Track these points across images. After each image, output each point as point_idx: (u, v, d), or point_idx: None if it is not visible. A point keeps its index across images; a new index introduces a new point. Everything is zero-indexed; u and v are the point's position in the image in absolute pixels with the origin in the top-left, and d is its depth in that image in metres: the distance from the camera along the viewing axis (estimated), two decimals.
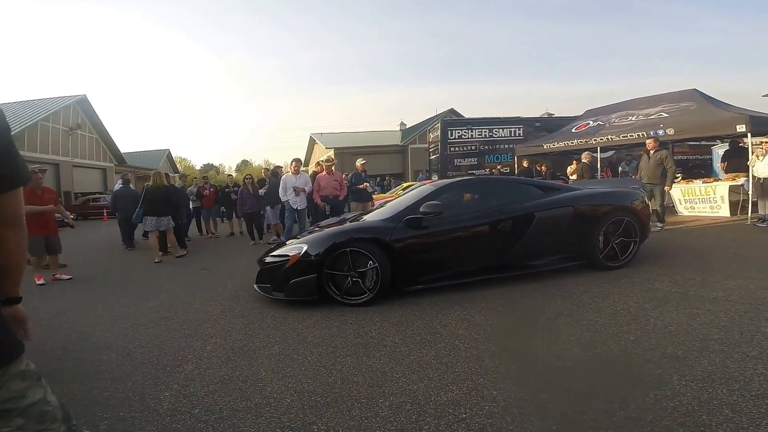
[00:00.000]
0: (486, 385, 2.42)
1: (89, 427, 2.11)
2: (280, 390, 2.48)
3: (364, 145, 35.21)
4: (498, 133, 16.10)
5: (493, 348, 2.95)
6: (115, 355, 3.15)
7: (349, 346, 3.13)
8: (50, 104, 27.60)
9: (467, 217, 4.66)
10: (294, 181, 7.71)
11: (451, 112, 36.05)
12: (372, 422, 2.12)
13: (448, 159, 15.68)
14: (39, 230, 6.00)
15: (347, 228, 4.49)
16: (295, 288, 4.13)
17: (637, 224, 5.00)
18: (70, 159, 28.58)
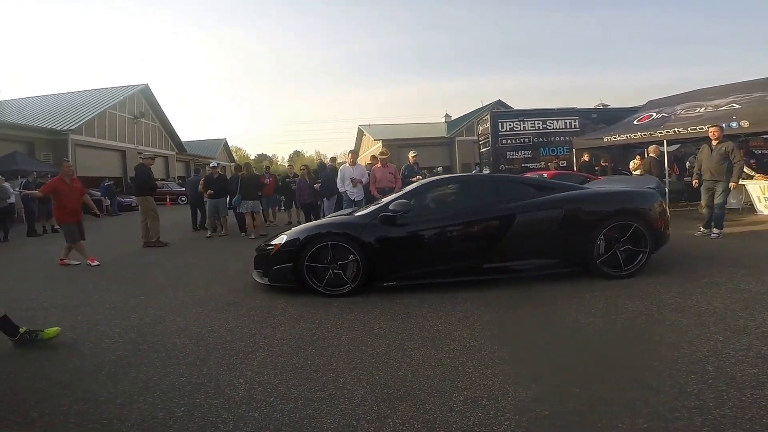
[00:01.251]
0: (568, 383, 2.31)
1: (167, 413, 2.16)
2: (352, 381, 2.45)
3: (410, 137, 35.15)
4: (552, 125, 15.29)
5: (572, 346, 2.83)
6: (189, 340, 3.23)
7: (416, 338, 3.07)
8: (116, 93, 29.19)
9: (442, 216, 4.56)
10: (351, 172, 7.74)
11: (499, 103, 35.16)
12: (447, 416, 2.06)
13: (500, 152, 15.17)
14: (72, 217, 6.44)
15: (322, 222, 4.80)
16: (276, 274, 4.43)
17: (646, 230, 4.43)
18: (135, 146, 30.17)
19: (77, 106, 26.60)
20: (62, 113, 25.33)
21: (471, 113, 37.54)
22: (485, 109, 30.31)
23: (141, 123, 31.20)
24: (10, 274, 6.01)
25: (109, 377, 2.59)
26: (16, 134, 20.86)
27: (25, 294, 4.77)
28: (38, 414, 2.18)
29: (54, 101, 28.01)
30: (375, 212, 4.52)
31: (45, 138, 22.50)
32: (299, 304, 3.93)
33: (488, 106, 32.96)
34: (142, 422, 2.08)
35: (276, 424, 2.03)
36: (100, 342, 3.21)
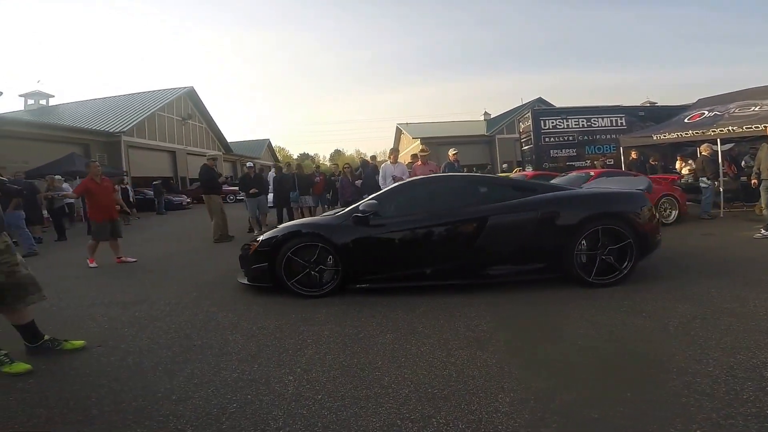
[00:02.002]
0: (619, 386, 2.27)
1: (220, 409, 2.24)
2: (397, 380, 2.48)
3: (449, 135, 34.90)
4: (597, 122, 14.99)
5: (620, 349, 2.75)
6: (240, 336, 3.34)
7: (460, 339, 3.06)
8: (164, 95, 30.45)
9: (416, 218, 4.39)
10: (393, 170, 7.76)
11: (540, 101, 34.37)
12: (493, 417, 2.05)
13: (542, 150, 14.90)
14: (105, 215, 6.66)
15: (298, 223, 4.77)
16: (255, 273, 4.51)
17: (632, 235, 4.15)
18: (184, 147, 31.44)
19: (128, 108, 27.96)
20: (114, 116, 26.67)
21: (511, 111, 36.89)
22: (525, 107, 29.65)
23: (189, 124, 32.40)
24: (69, 272, 6.31)
25: (166, 373, 2.71)
26: (73, 136, 22.19)
27: (84, 291, 5.05)
28: (99, 411, 2.28)
29: (106, 104, 29.54)
30: (349, 213, 4.48)
31: (99, 140, 23.78)
32: (344, 303, 3.99)
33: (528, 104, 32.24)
34: (197, 418, 2.16)
35: (324, 422, 2.08)
36: (157, 338, 3.36)
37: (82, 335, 3.34)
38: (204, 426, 2.09)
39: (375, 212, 4.28)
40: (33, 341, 3.04)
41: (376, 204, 4.35)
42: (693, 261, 5.07)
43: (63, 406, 2.34)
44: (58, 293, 4.74)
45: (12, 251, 2.86)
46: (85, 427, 2.12)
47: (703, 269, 4.60)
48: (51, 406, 2.33)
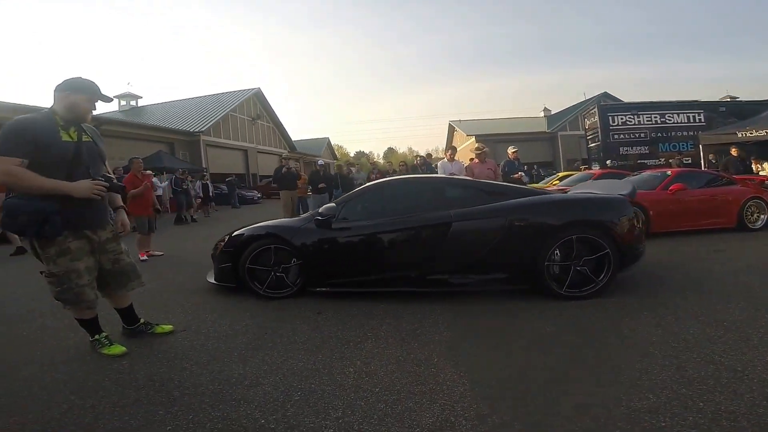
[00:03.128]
0: (690, 396, 2.17)
1: (286, 396, 2.40)
2: (452, 377, 2.51)
3: (506, 132, 33.70)
4: (672, 119, 14.05)
5: (697, 358, 2.60)
6: (307, 326, 3.53)
7: (522, 339, 3.04)
8: (235, 96, 32.32)
9: (379, 222, 4.23)
10: (450, 168, 7.72)
11: (605, 96, 32.50)
12: (552, 420, 2.04)
13: (611, 147, 14.15)
14: (145, 210, 7.04)
15: (261, 224, 4.66)
16: (221, 273, 4.58)
17: (610, 245, 3.82)
18: (255, 146, 33.19)
19: (205, 109, 30.02)
20: (193, 116, 28.71)
21: (574, 106, 35.24)
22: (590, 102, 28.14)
23: (258, 124, 34.10)
24: (159, 261, 6.89)
25: (240, 359, 2.91)
26: (160, 135, 24.24)
27: (172, 278, 5.54)
28: (180, 393, 2.45)
29: (186, 105, 31.89)
30: (312, 215, 4.47)
31: (182, 139, 25.72)
32: (402, 299, 4.06)
33: (593, 99, 30.59)
34: (265, 404, 2.31)
35: (380, 415, 2.17)
36: (234, 325, 3.62)
37: (170, 319, 3.68)
38: (271, 412, 2.23)
39: (333, 216, 4.25)
40: (130, 324, 3.35)
41: (334, 207, 4.33)
42: None
43: (150, 387, 2.56)
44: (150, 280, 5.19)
45: (117, 240, 3.11)
46: (167, 408, 2.31)
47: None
48: (139, 387, 2.56)
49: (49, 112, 2.78)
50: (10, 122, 2.65)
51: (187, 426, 2.14)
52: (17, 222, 2.64)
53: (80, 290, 2.82)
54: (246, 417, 2.20)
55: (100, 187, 2.79)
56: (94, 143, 2.93)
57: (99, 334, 3.08)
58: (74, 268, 2.79)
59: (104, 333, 3.11)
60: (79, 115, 2.83)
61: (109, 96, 2.97)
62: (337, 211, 4.32)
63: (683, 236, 6.95)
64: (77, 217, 2.78)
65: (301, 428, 2.08)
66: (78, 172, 2.75)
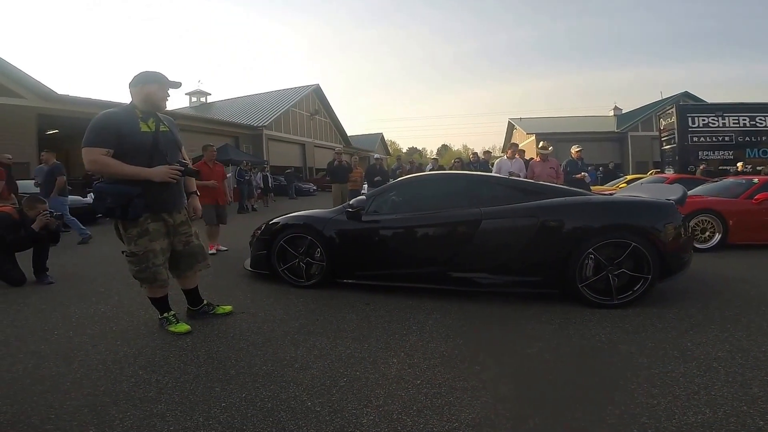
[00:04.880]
0: (751, 414, 2.03)
1: (332, 381, 2.49)
2: (496, 377, 2.49)
3: (570, 131, 31.82)
4: (764, 122, 12.83)
5: (765, 376, 2.42)
6: (356, 315, 3.64)
7: (573, 346, 2.95)
8: (294, 93, 33.46)
9: (409, 216, 4.22)
10: (509, 166, 7.55)
11: (686, 95, 30.06)
12: (596, 427, 1.98)
13: (688, 150, 13.17)
14: (210, 199, 6.43)
15: (296, 214, 4.81)
16: (255, 260, 4.79)
17: (650, 252, 3.55)
18: (312, 140, 34.19)
19: (267, 105, 31.32)
20: (256, 111, 30.06)
21: (648, 106, 32.94)
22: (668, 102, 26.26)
23: (316, 119, 35.07)
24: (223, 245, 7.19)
25: (292, 343, 3.05)
26: (227, 130, 25.66)
27: (234, 263, 5.82)
28: (235, 372, 2.58)
29: (250, 101, 33.42)
30: (343, 207, 4.53)
31: (246, 133, 27.01)
32: (449, 295, 4.05)
33: (672, 99, 28.48)
34: (312, 387, 2.41)
35: (419, 406, 2.19)
36: (289, 309, 3.79)
37: (231, 302, 3.89)
38: (317, 395, 2.32)
39: (363, 208, 4.33)
40: (194, 305, 3.58)
41: (363, 200, 4.42)
42: None
43: (209, 364, 2.73)
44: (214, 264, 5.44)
45: (189, 223, 3.35)
46: (224, 384, 2.47)
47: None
48: (200, 364, 2.74)
49: (129, 106, 3.08)
50: (96, 117, 2.95)
51: (240, 403, 2.26)
52: (104, 204, 2.95)
53: (156, 269, 3.08)
54: (294, 398, 2.30)
55: (176, 171, 3.04)
56: (171, 132, 3.19)
57: (168, 312, 3.33)
58: (152, 248, 3.05)
59: (172, 311, 3.35)
60: (155, 104, 3.09)
61: (178, 81, 3.18)
62: (368, 204, 4.38)
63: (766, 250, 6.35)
64: (156, 200, 3.04)
65: (343, 413, 2.16)
66: (157, 158, 3.01)
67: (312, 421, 2.10)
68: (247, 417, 2.14)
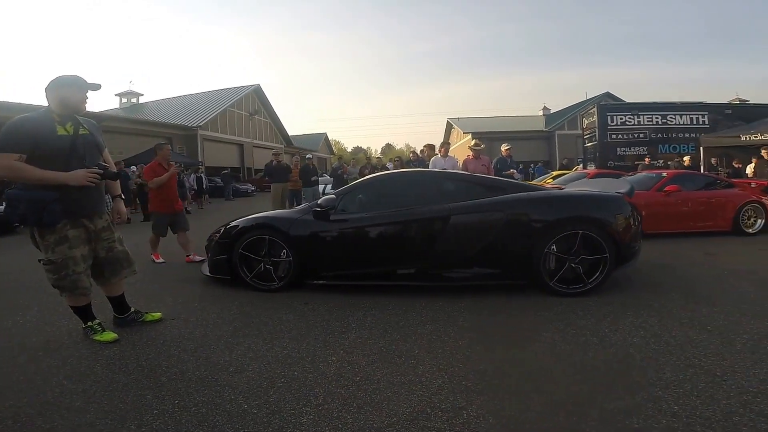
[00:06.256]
0: (666, 399, 2.17)
1: (269, 382, 2.45)
2: (431, 370, 2.56)
3: (504, 131, 33.38)
4: (674, 120, 13.90)
5: (676, 361, 2.62)
6: (293, 315, 3.59)
7: (501, 335, 3.08)
8: (233, 93, 32.58)
9: (377, 214, 4.22)
10: (443, 163, 7.72)
11: (608, 95, 32.49)
12: (525, 416, 2.07)
13: (608, 147, 14.09)
14: (166, 207, 5.86)
15: (257, 215, 4.63)
16: (215, 265, 4.54)
17: (606, 242, 3.85)
18: (251, 140, 33.38)
19: (203, 105, 30.24)
20: (192, 112, 28.96)
21: (574, 106, 35.10)
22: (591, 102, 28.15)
23: (255, 119, 34.30)
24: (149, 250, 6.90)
25: (226, 346, 2.97)
26: (159, 130, 24.49)
27: (164, 268, 5.58)
28: (167, 379, 2.51)
29: (185, 101, 32.13)
30: (309, 207, 4.43)
31: (180, 133, 25.88)
32: (388, 292, 4.09)
33: (594, 99, 30.57)
34: (248, 390, 2.36)
35: (359, 403, 2.21)
36: (222, 313, 3.67)
37: (161, 308, 3.71)
38: (254, 397, 2.28)
39: (334, 207, 4.22)
40: (121, 313, 3.40)
41: (334, 199, 4.27)
42: None
43: (138, 372, 2.62)
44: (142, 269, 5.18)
45: (112, 229, 3.19)
46: (155, 392, 2.37)
47: None
48: (129, 372, 2.62)
49: (46, 110, 2.93)
50: (10, 121, 2.78)
51: (173, 410, 2.18)
52: (17, 211, 2.78)
53: (77, 277, 2.93)
54: (230, 402, 2.25)
55: (94, 175, 2.89)
56: (92, 135, 3.05)
57: (92, 321, 3.16)
58: (71, 256, 2.90)
59: (96, 320, 3.19)
60: (73, 107, 2.95)
61: (97, 83, 3.05)
62: (336, 203, 4.29)
63: (676, 238, 6.94)
64: (75, 205, 2.89)
65: (282, 414, 2.13)
66: (74, 163, 2.87)
67: (249, 423, 2.06)
68: (182, 423, 2.07)
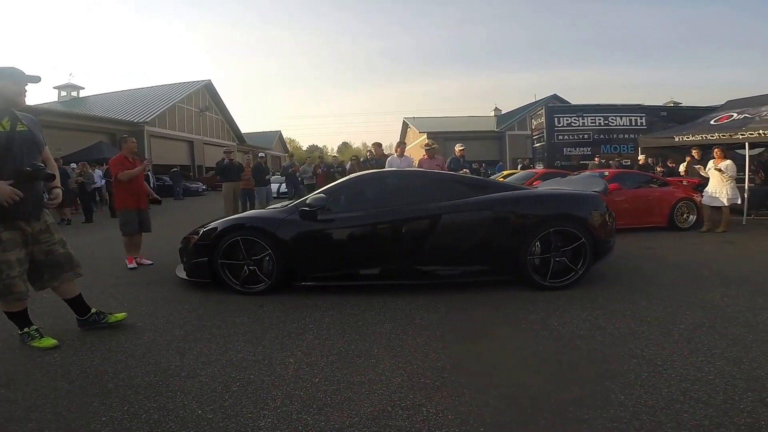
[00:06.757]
0: (613, 389, 2.29)
1: (224, 387, 2.38)
2: (391, 368, 2.57)
3: (458, 131, 34.30)
4: (615, 121, 14.77)
5: (620, 352, 2.76)
6: (248, 318, 3.50)
7: (457, 331, 3.14)
8: (183, 88, 31.38)
9: (366, 213, 4.22)
10: (399, 163, 7.76)
11: (555, 98, 33.98)
12: (483, 410, 2.11)
13: (555, 147, 14.74)
14: (134, 202, 5.53)
15: (240, 216, 4.47)
16: (193, 268, 4.31)
17: (587, 238, 4.07)
18: (201, 137, 32.27)
19: (151, 100, 28.89)
20: (138, 107, 27.58)
21: (524, 107, 36.42)
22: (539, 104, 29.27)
23: (206, 116, 33.22)
24: (95, 252, 6.56)
25: (177, 351, 2.85)
26: (101, 126, 23.08)
27: (108, 271, 5.28)
28: (114, 386, 2.41)
29: (131, 96, 30.50)
30: (296, 206, 4.29)
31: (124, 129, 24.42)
32: (345, 293, 4.08)
33: (543, 101, 31.79)
34: (202, 395, 2.29)
35: (319, 404, 2.18)
36: (171, 317, 3.52)
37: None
38: (208, 402, 2.21)
39: (323, 207, 4.13)
40: (82, 315, 3.23)
41: (324, 198, 4.17)
42: (707, 268, 4.95)
43: (83, 379, 2.49)
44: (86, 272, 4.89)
45: (51, 231, 3.00)
46: (102, 399, 2.26)
47: (717, 277, 4.51)
48: (72, 379, 2.48)
49: None
50: None
51: (123, 417, 2.10)
52: None
53: (11, 282, 2.76)
54: (183, 407, 2.17)
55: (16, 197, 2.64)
56: (30, 132, 2.86)
57: (29, 327, 2.98)
58: (5, 259, 2.73)
59: (34, 326, 3.01)
60: (10, 101, 2.77)
61: (37, 76, 2.86)
62: (326, 202, 4.17)
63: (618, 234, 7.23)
64: (9, 207, 2.68)
65: (239, 418, 2.07)
66: (9, 162, 2.69)
67: (204, 428, 2.00)
68: (132, 430, 1.99)
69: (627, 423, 1.99)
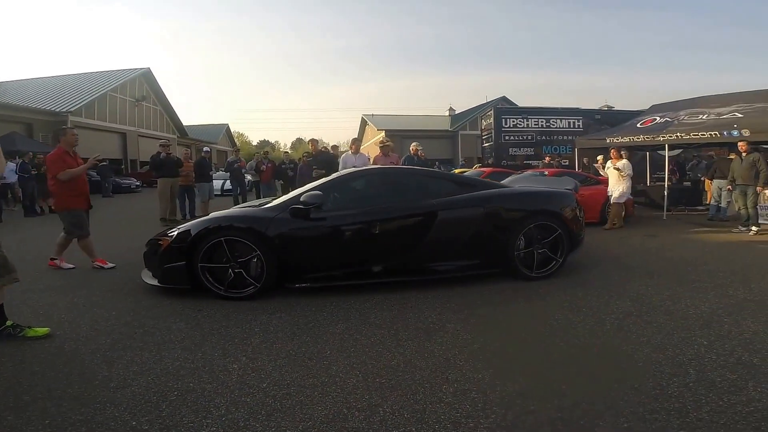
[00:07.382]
0: (555, 380, 2.36)
1: (160, 396, 2.20)
2: (345, 369, 2.50)
3: (414, 129, 35.41)
4: (556, 123, 15.59)
5: (560, 342, 2.88)
6: (185, 324, 3.27)
7: (410, 329, 3.12)
8: (117, 76, 29.19)
9: (359, 212, 4.18)
10: (354, 160, 7.65)
11: (503, 99, 35.43)
12: (437, 407, 2.11)
13: (502, 147, 15.36)
14: (81, 201, 5.11)
15: (222, 215, 4.18)
16: (167, 274, 3.94)
17: (564, 232, 4.41)
18: (136, 129, 30.25)
19: (77, 88, 26.69)
20: (62, 95, 25.36)
21: (475, 108, 37.79)
22: (489, 105, 30.37)
23: (142, 106, 31.19)
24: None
25: (104, 361, 2.62)
26: (15, 115, 20.89)
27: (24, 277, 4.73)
28: (31, 398, 2.20)
29: (54, 83, 27.98)
30: (285, 204, 4.10)
31: (44, 119, 22.41)
32: (295, 293, 3.95)
33: (492, 102, 33.04)
34: (135, 405, 2.12)
35: (268, 410, 2.07)
36: (96, 324, 3.25)
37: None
38: (143, 413, 2.05)
39: (318, 204, 3.95)
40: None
41: (320, 195, 3.99)
42: (633, 260, 5.37)
43: None
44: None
45: None
46: (19, 412, 2.06)
47: (642, 268, 4.89)
48: None
49: None
50: None
51: (44, 431, 1.91)
52: None
53: None
54: (114, 419, 2.01)
55: None
56: None
57: None
58: None
59: None
60: None
61: None
62: (323, 200, 3.98)
63: None
64: None
65: (179, 428, 1.94)
66: None
67: None
68: None
69: (570, 412, 2.05)
